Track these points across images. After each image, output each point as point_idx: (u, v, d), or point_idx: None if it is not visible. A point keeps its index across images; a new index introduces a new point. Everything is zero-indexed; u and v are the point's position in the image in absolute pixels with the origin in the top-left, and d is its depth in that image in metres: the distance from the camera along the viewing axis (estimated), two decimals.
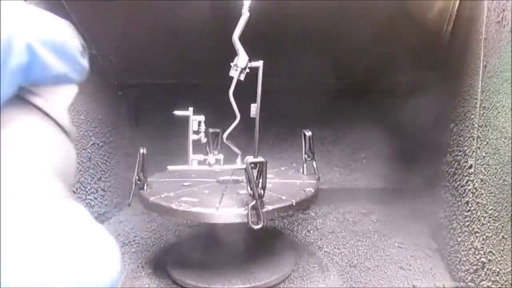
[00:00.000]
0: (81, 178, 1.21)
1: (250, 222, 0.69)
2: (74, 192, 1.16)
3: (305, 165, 1.03)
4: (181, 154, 0.90)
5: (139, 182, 0.86)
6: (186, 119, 0.86)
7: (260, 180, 0.70)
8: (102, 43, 1.26)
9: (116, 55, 1.33)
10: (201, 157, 0.88)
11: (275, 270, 0.87)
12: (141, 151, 0.85)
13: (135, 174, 0.86)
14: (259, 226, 0.69)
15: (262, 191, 0.70)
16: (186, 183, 0.93)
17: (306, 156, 1.01)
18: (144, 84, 1.53)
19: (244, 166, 0.70)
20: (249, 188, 0.70)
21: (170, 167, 0.90)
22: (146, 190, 0.87)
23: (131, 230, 1.26)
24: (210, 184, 0.93)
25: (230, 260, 0.88)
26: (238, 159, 0.91)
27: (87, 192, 1.24)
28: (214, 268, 0.86)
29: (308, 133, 1.00)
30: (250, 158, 0.71)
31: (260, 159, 0.71)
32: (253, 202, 0.69)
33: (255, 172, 0.71)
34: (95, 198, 1.29)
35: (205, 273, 0.85)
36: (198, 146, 0.88)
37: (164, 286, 0.86)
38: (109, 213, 1.38)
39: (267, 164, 0.71)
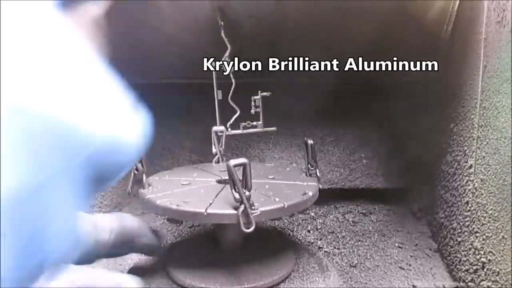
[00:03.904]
0: None
1: (242, 227, 0.67)
2: None
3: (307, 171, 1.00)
4: (181, 154, 0.90)
5: (136, 172, 0.85)
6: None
7: (245, 182, 0.67)
8: (102, 43, 1.26)
9: (115, 55, 1.33)
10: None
11: (275, 270, 0.87)
12: None
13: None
14: (250, 230, 0.68)
15: (248, 193, 0.67)
16: (185, 182, 0.93)
17: (309, 165, 0.96)
18: (144, 84, 1.53)
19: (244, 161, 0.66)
20: (233, 192, 0.67)
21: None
22: (146, 188, 0.86)
23: None
24: (209, 184, 0.92)
25: (229, 260, 0.88)
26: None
27: None
28: (214, 268, 0.86)
29: (310, 142, 0.94)
30: (232, 161, 0.65)
31: (242, 160, 0.66)
32: (242, 208, 0.67)
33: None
34: (95, 198, 1.29)
35: (205, 273, 0.85)
36: (199, 145, 0.88)
37: (164, 286, 0.86)
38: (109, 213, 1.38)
39: (266, 164, 0.70)
